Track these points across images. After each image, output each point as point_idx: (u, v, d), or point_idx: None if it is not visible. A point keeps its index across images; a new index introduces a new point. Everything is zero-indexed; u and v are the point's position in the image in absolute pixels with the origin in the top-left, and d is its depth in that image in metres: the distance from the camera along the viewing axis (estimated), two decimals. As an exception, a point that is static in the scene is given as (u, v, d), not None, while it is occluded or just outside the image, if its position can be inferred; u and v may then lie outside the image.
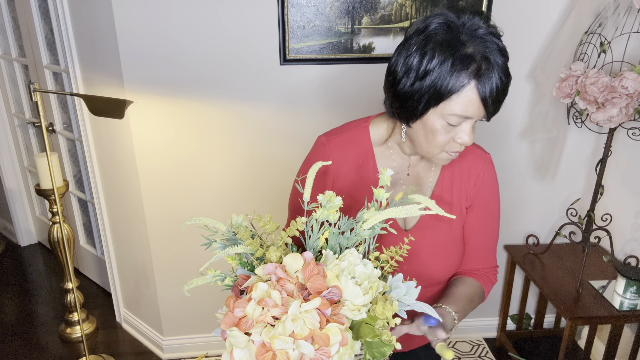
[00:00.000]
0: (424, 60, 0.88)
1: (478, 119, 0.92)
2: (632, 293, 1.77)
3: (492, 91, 0.87)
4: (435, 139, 0.94)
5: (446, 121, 0.91)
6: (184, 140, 1.98)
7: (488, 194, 1.13)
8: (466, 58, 0.86)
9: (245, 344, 0.69)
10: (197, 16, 1.80)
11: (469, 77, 0.86)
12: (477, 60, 0.86)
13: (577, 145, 2.14)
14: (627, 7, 1.69)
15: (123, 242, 2.35)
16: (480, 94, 0.87)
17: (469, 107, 0.89)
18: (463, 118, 0.91)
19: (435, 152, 0.97)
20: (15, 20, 2.69)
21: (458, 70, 0.86)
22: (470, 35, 0.87)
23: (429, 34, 0.88)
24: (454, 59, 0.86)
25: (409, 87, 0.91)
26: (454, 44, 0.87)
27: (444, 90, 0.88)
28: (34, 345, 2.43)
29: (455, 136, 0.94)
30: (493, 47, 0.88)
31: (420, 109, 0.92)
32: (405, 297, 0.80)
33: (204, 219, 0.85)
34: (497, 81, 0.87)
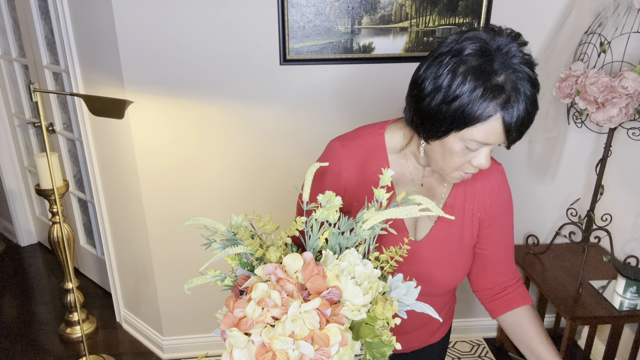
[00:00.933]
0: (454, 83, 0.86)
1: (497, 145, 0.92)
2: (632, 293, 1.77)
3: (517, 122, 0.87)
4: (452, 160, 0.94)
5: (465, 145, 0.91)
6: (184, 140, 1.98)
7: (504, 206, 1.12)
8: (497, 88, 0.85)
9: (245, 344, 0.69)
10: (196, 16, 1.80)
11: (496, 107, 0.85)
12: (507, 90, 0.85)
13: (577, 145, 2.14)
14: (627, 7, 1.69)
15: (123, 242, 2.35)
16: (505, 125, 0.87)
17: (490, 136, 0.88)
18: (482, 144, 0.90)
19: (450, 171, 0.97)
20: (15, 20, 2.69)
21: (488, 100, 0.85)
22: (503, 64, 0.85)
23: (463, 58, 0.86)
24: (485, 88, 0.84)
25: (435, 107, 0.89)
26: (486, 72, 0.85)
27: (470, 117, 0.86)
28: (34, 345, 2.43)
29: (472, 159, 0.93)
30: (524, 77, 0.86)
31: (443, 131, 0.90)
32: (405, 297, 0.80)
33: (203, 219, 0.85)
34: (523, 112, 0.87)
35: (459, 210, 1.09)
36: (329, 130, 2.01)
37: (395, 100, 2.00)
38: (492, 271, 1.16)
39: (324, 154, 1.09)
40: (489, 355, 2.36)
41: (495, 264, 1.16)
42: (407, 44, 1.90)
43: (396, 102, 2.04)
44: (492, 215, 1.11)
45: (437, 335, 1.26)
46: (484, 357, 2.35)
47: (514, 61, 0.86)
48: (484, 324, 2.46)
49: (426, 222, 1.09)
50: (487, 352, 2.37)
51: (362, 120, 1.64)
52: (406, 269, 1.03)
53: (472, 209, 1.10)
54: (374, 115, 1.95)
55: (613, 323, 1.93)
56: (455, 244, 1.10)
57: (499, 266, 1.16)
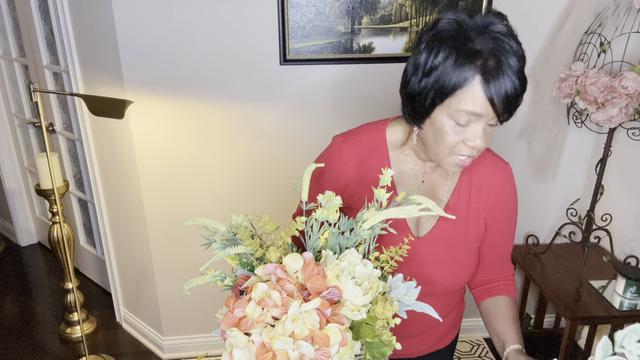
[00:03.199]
0: (430, 56, 0.86)
1: (488, 120, 0.88)
2: (632, 293, 1.77)
3: (499, 90, 0.83)
4: (444, 140, 0.90)
5: (454, 120, 0.88)
6: (184, 140, 1.98)
7: (508, 205, 1.10)
8: (472, 53, 0.83)
9: (245, 344, 0.69)
10: (197, 16, 1.80)
11: (473, 72, 0.83)
12: (484, 56, 0.83)
13: (577, 145, 2.14)
14: (627, 7, 1.69)
15: (123, 242, 2.35)
16: (485, 92, 0.84)
17: (475, 104, 0.85)
18: (470, 115, 0.86)
19: (444, 154, 0.93)
20: (15, 20, 2.69)
21: (461, 65, 0.83)
22: (479, 33, 0.84)
23: (438, 30, 0.86)
24: (458, 54, 0.83)
25: (417, 85, 0.89)
26: (460, 40, 0.84)
27: (447, 85, 0.85)
28: (34, 345, 2.43)
29: (465, 138, 0.90)
30: (505, 46, 0.84)
31: (427, 107, 0.89)
32: (405, 297, 0.80)
33: (203, 220, 0.85)
34: (506, 80, 0.83)
35: (462, 208, 1.06)
36: (329, 130, 2.01)
37: (395, 100, 1.99)
38: (485, 268, 1.15)
39: (326, 150, 1.09)
40: (489, 355, 2.36)
41: (490, 263, 1.15)
42: (407, 44, 1.90)
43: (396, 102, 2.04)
44: (496, 215, 1.08)
45: (444, 341, 1.24)
46: (484, 357, 2.35)
47: (492, 29, 0.85)
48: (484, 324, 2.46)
49: (428, 220, 1.06)
50: (487, 352, 2.37)
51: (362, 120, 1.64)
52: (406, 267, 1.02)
53: (476, 208, 1.07)
54: (374, 115, 1.94)
55: (613, 323, 1.93)
56: (459, 243, 1.07)
57: (493, 264, 1.15)
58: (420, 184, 1.05)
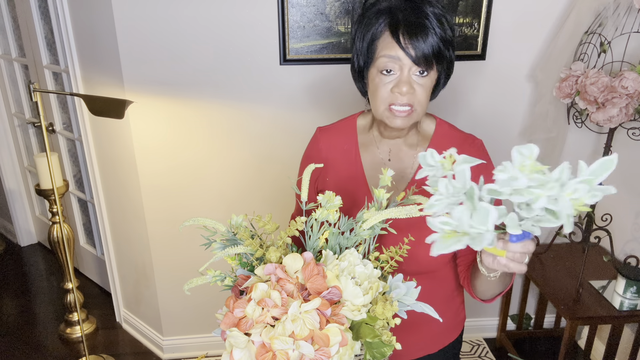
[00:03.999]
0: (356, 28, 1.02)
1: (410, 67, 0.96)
2: (632, 293, 1.77)
3: (409, 33, 0.93)
4: (377, 93, 1.00)
5: (379, 69, 0.97)
6: (184, 140, 1.98)
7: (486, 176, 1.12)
8: (378, 11, 0.97)
9: (245, 344, 0.69)
10: (196, 16, 1.80)
11: (384, 23, 0.96)
12: (391, 11, 0.96)
13: (577, 145, 2.13)
14: (627, 7, 1.69)
15: (123, 242, 2.35)
16: (394, 36, 0.94)
17: (388, 48, 0.95)
18: (389, 60, 0.96)
19: (382, 108, 1.01)
20: (15, 20, 2.69)
21: (370, 21, 0.97)
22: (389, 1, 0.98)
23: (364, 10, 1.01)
24: (369, 17, 0.98)
25: (355, 58, 1.04)
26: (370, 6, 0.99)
27: (365, 42, 0.99)
28: (34, 345, 2.43)
29: (393, 87, 0.98)
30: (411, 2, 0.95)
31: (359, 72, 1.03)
32: (405, 297, 0.80)
33: (202, 220, 0.85)
34: (414, 27, 0.93)
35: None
36: (329, 130, 2.01)
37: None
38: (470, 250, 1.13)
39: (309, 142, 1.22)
40: (489, 355, 2.36)
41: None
42: (407, 44, 1.89)
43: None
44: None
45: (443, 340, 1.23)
46: (484, 357, 2.35)
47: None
48: (484, 324, 2.46)
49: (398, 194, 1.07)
50: (487, 352, 2.37)
51: (362, 120, 1.65)
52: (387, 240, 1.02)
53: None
54: (374, 115, 1.95)
55: (613, 323, 1.93)
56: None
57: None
58: (386, 161, 1.13)
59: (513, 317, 2.44)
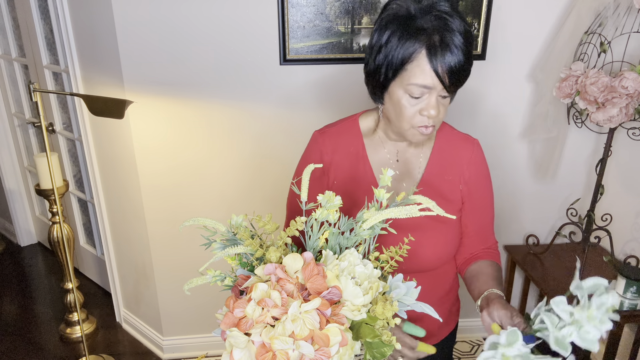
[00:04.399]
0: (380, 36, 0.95)
1: (440, 92, 0.95)
2: (632, 293, 1.77)
3: (444, 63, 0.91)
4: (403, 113, 0.99)
5: (408, 93, 0.96)
6: (184, 140, 1.98)
7: (481, 177, 1.17)
8: (416, 29, 0.92)
9: (245, 344, 0.69)
10: (197, 16, 1.80)
11: (418, 46, 0.91)
12: (427, 32, 0.91)
13: (577, 145, 2.13)
14: (627, 7, 1.69)
15: (123, 242, 2.35)
16: (431, 65, 0.91)
17: (423, 78, 0.93)
18: (422, 88, 0.94)
19: (405, 126, 1.01)
20: (15, 20, 2.69)
21: (408, 40, 0.92)
22: (424, 12, 0.92)
23: (386, 13, 0.96)
24: (403, 30, 0.92)
25: (372, 64, 0.99)
26: (405, 18, 0.93)
27: (396, 60, 0.94)
28: (34, 345, 2.43)
29: (421, 109, 0.97)
30: (448, 23, 0.92)
31: (382, 82, 0.98)
32: (405, 297, 0.80)
33: (202, 220, 0.85)
34: (450, 54, 0.91)
35: (436, 181, 1.13)
36: (329, 130, 2.01)
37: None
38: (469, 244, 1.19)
39: (307, 146, 1.18)
40: (489, 355, 2.36)
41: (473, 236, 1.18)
42: (407, 44, 1.89)
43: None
44: (471, 187, 1.15)
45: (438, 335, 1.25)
46: (484, 357, 2.35)
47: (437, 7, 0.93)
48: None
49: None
50: (487, 352, 2.37)
51: (362, 120, 1.65)
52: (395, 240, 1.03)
53: (451, 180, 1.14)
54: (374, 115, 1.95)
55: (613, 323, 1.92)
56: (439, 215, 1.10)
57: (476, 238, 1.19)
58: (395, 163, 1.13)
59: (513, 317, 2.43)
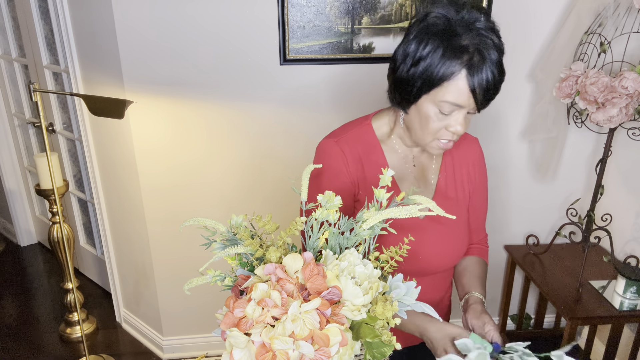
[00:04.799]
0: (419, 47, 0.92)
1: (470, 109, 0.95)
2: (632, 293, 1.77)
3: (482, 83, 0.90)
4: (428, 126, 0.97)
5: (438, 108, 0.95)
6: (184, 140, 1.98)
7: (482, 175, 1.20)
8: (459, 48, 0.89)
9: (245, 344, 0.69)
10: (197, 16, 1.80)
11: (460, 66, 0.89)
12: (469, 51, 0.89)
13: (577, 145, 2.13)
14: (627, 7, 1.69)
15: (123, 242, 2.35)
16: (469, 84, 0.90)
17: (459, 96, 0.92)
18: (454, 106, 0.93)
19: (428, 139, 1.00)
20: (15, 20, 2.69)
21: (449, 59, 0.89)
22: (466, 28, 0.90)
23: (427, 23, 0.92)
24: (445, 48, 0.89)
25: (405, 73, 0.95)
26: (448, 34, 0.90)
27: (435, 77, 0.91)
28: (34, 345, 2.43)
29: (447, 125, 0.96)
30: (488, 41, 0.90)
31: (414, 94, 0.96)
32: (405, 297, 0.80)
33: (202, 220, 0.85)
34: (489, 74, 0.90)
35: (451, 185, 1.14)
36: (329, 130, 2.00)
37: (395, 100, 2.00)
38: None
39: (320, 155, 1.10)
40: (489, 355, 2.36)
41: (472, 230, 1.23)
42: (407, 44, 1.89)
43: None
44: (474, 186, 1.17)
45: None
46: (484, 357, 2.35)
47: (477, 25, 0.91)
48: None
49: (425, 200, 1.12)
50: (487, 352, 2.37)
51: (362, 120, 1.65)
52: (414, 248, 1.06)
53: (461, 180, 1.15)
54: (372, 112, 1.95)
55: (613, 323, 1.93)
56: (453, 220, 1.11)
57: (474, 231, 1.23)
58: (412, 169, 1.12)
59: (513, 317, 2.44)
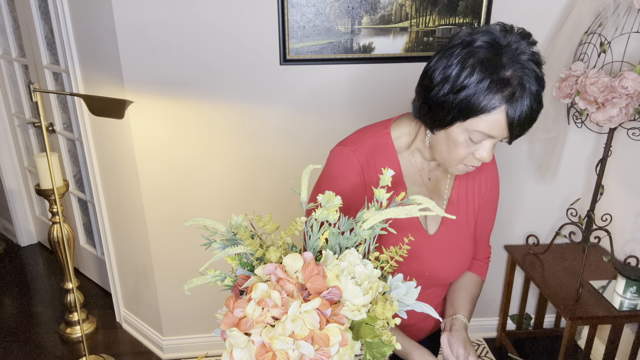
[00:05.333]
0: (462, 74, 0.88)
1: (500, 139, 0.93)
2: (632, 293, 1.77)
3: (521, 117, 0.88)
4: (456, 151, 0.96)
5: (469, 136, 0.93)
6: (184, 140, 1.98)
7: (494, 190, 1.18)
8: (503, 81, 0.86)
9: (245, 344, 0.69)
10: (197, 16, 1.80)
11: (501, 100, 0.87)
12: (513, 85, 0.87)
13: (577, 145, 2.13)
14: (627, 7, 1.69)
15: (123, 242, 2.35)
16: (508, 118, 0.88)
17: (494, 128, 0.90)
18: (486, 137, 0.92)
19: (454, 163, 0.99)
20: (15, 20, 2.69)
21: (493, 92, 0.87)
22: (512, 59, 0.87)
23: (473, 50, 0.88)
24: (491, 81, 0.86)
25: (442, 96, 0.91)
26: (494, 65, 0.87)
27: (475, 108, 0.88)
28: (34, 345, 2.43)
29: (475, 151, 0.95)
30: (531, 74, 0.88)
31: (448, 120, 0.93)
32: (405, 297, 0.80)
33: (202, 220, 0.85)
34: (527, 108, 0.88)
35: (463, 200, 1.13)
36: (329, 130, 2.01)
37: (395, 100, 2.00)
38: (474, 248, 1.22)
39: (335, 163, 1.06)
40: (489, 355, 2.36)
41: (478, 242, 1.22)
42: (407, 44, 1.90)
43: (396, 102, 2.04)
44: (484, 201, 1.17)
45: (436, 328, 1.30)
46: (484, 357, 2.35)
47: (522, 57, 0.88)
48: (483, 324, 2.46)
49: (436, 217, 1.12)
50: (487, 352, 2.37)
51: (362, 119, 1.64)
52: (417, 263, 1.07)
53: (473, 196, 1.14)
54: (374, 115, 1.95)
55: (613, 323, 1.93)
56: (464, 234, 1.14)
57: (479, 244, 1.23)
58: (426, 182, 1.10)
59: (513, 317, 2.44)
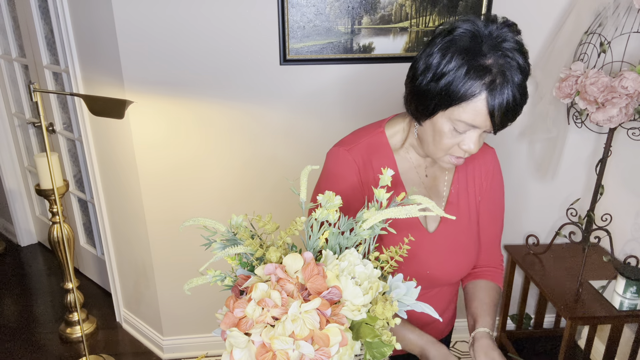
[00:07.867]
0: (442, 62, 0.88)
1: (485, 130, 0.92)
2: (632, 293, 1.77)
3: (502, 106, 0.87)
4: (442, 142, 0.95)
5: (453, 126, 0.92)
6: (184, 140, 1.98)
7: (497, 187, 1.16)
8: (482, 69, 0.86)
9: (245, 344, 0.69)
10: (197, 16, 1.80)
11: (481, 87, 0.86)
12: (493, 72, 0.86)
13: (577, 145, 2.13)
14: (627, 7, 1.69)
15: (123, 242, 2.35)
16: (488, 107, 0.88)
17: (476, 117, 0.89)
18: (469, 126, 0.91)
19: (440, 154, 0.98)
20: (15, 20, 2.69)
21: (472, 79, 0.86)
22: (492, 47, 0.87)
23: (453, 37, 0.88)
24: (469, 67, 0.86)
25: (424, 86, 0.92)
26: (473, 52, 0.87)
27: (454, 95, 0.88)
28: (34, 345, 2.43)
29: (460, 142, 0.94)
30: (513, 63, 0.87)
31: (431, 109, 0.93)
32: (405, 297, 0.80)
33: (202, 220, 0.85)
34: (509, 97, 0.87)
35: (463, 197, 1.12)
36: (329, 130, 2.01)
37: (395, 100, 1.99)
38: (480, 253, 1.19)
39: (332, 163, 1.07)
40: (489, 355, 2.36)
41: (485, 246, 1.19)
42: (407, 44, 1.90)
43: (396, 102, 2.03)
44: (486, 200, 1.15)
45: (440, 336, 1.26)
46: (484, 357, 2.35)
47: (504, 45, 0.88)
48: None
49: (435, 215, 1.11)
50: (487, 352, 2.37)
51: (362, 119, 1.64)
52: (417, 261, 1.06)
53: (474, 192, 1.13)
54: (374, 115, 1.94)
55: (613, 323, 1.93)
56: (464, 232, 1.12)
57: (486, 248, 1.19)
58: (423, 179, 1.09)
59: (513, 317, 2.44)
